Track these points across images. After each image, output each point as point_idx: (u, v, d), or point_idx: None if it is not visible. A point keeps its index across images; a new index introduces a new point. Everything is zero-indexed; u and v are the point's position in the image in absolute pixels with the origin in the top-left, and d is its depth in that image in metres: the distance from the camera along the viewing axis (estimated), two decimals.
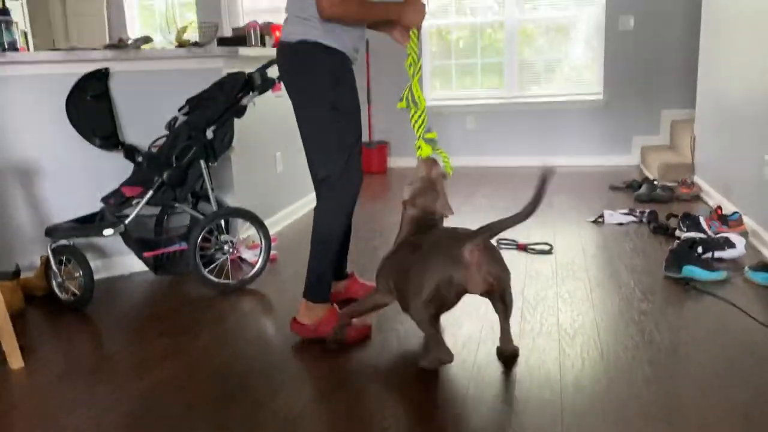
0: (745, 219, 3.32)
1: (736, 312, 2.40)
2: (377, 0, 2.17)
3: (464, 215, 2.21)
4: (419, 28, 2.28)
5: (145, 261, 2.88)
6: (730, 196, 3.68)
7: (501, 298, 2.05)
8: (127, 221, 2.73)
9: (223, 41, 3.61)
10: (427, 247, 2.01)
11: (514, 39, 5.84)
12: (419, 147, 2.27)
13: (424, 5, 2.24)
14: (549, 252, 3.22)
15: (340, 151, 2.20)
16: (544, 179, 1.82)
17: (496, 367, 2.06)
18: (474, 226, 1.98)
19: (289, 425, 1.79)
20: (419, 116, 2.28)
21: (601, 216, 3.77)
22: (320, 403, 1.90)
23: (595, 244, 3.35)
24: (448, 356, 1.98)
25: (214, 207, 2.91)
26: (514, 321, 2.27)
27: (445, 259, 1.92)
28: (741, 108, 3.54)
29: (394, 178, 5.64)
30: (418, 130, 2.29)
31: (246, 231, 3.38)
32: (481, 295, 1.99)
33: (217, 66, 3.16)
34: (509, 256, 3.17)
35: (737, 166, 3.57)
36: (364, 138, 5.93)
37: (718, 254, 2.95)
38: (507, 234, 3.49)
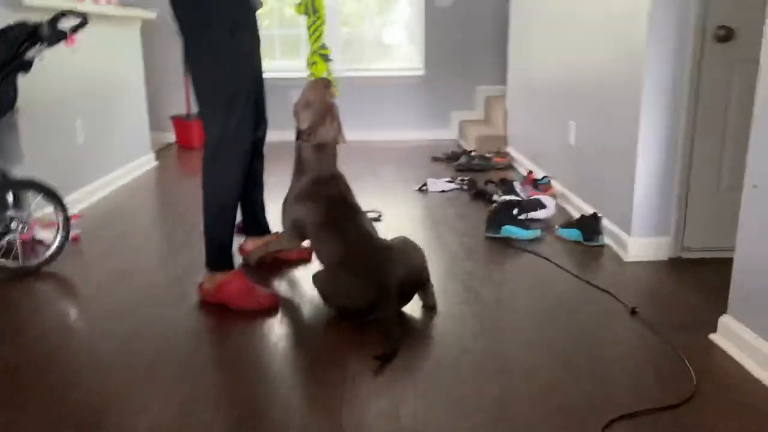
0: (554, 183, 3.56)
1: (550, 266, 2.55)
2: None
3: (270, 186, 2.16)
4: None
5: None
6: (539, 162, 3.94)
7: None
8: None
9: None
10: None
11: (336, 13, 5.77)
12: (314, 63, 2.12)
13: None
14: (378, 219, 3.21)
15: (229, 101, 2.12)
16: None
17: (333, 331, 1.98)
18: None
19: (93, 417, 1.56)
20: (318, 27, 2.12)
21: (425, 184, 3.85)
22: (125, 394, 1.68)
23: (421, 210, 3.41)
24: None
25: None
26: None
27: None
28: (545, 84, 3.79)
29: None
30: (314, 43, 2.11)
31: (42, 209, 2.96)
32: None
33: None
34: None
35: (544, 136, 3.82)
36: (183, 111, 5.54)
37: (531, 215, 3.13)
38: None
